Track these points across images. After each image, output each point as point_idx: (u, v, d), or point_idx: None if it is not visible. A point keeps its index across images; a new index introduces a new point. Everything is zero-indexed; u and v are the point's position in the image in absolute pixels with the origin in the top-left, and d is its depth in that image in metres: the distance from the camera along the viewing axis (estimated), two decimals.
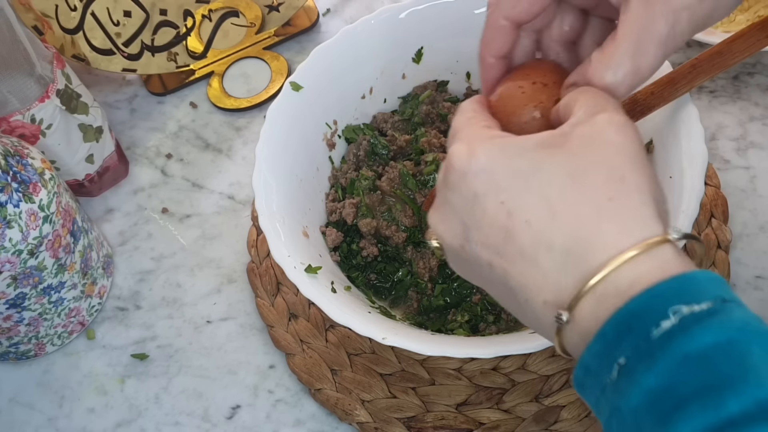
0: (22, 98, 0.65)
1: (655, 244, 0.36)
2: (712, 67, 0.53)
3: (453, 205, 0.40)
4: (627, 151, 0.38)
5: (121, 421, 0.65)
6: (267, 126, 0.63)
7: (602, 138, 0.38)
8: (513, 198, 0.38)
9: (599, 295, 0.36)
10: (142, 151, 0.80)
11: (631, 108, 0.55)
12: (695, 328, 0.33)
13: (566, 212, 0.37)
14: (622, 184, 0.37)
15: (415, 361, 0.64)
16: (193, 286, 0.71)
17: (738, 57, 0.52)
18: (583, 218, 0.37)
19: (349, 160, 0.69)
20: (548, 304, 0.37)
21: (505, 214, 0.38)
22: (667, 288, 0.34)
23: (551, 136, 0.39)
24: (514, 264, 0.38)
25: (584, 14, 0.47)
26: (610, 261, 0.35)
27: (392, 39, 0.69)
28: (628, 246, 0.36)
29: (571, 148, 0.38)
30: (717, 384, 0.31)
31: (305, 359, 0.65)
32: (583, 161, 0.38)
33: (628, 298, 0.35)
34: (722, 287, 0.35)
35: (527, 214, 0.38)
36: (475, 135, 0.41)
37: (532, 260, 0.38)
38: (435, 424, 0.62)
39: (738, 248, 0.67)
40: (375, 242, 0.65)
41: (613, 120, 0.39)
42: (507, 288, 0.39)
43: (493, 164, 0.39)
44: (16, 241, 0.57)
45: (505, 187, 0.38)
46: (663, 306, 0.34)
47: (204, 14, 0.83)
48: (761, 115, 0.74)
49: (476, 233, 0.39)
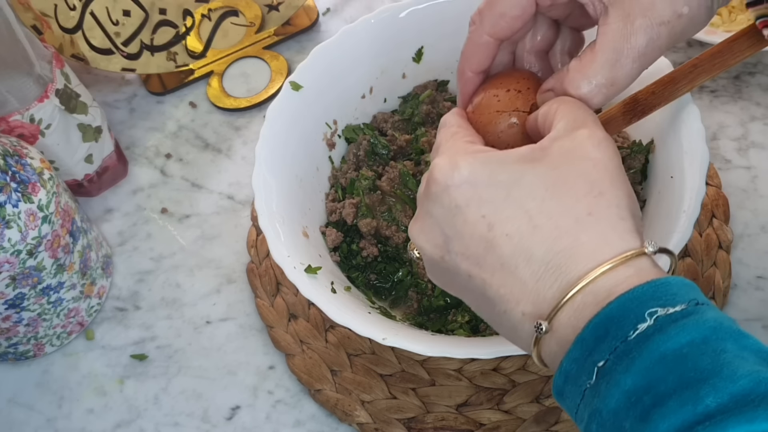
0: (21, 98, 0.65)
1: (632, 257, 0.37)
2: (713, 67, 0.53)
3: (434, 216, 0.41)
4: (606, 167, 0.39)
5: (120, 422, 0.65)
6: (267, 126, 0.63)
7: (582, 153, 0.39)
8: (494, 211, 0.39)
9: (578, 305, 0.37)
10: (141, 151, 0.80)
11: (632, 107, 0.55)
12: (671, 328, 0.34)
13: (546, 225, 0.38)
14: (601, 198, 0.38)
15: (415, 362, 0.64)
16: (193, 287, 0.71)
17: (739, 57, 0.52)
18: (563, 231, 0.38)
19: (349, 160, 0.69)
20: (527, 315, 0.38)
21: (486, 226, 0.39)
22: (643, 292, 0.35)
23: (532, 150, 0.40)
24: (494, 275, 0.39)
25: (556, 25, 0.49)
26: (589, 272, 0.37)
27: (392, 39, 0.68)
28: (607, 258, 0.37)
29: (551, 162, 0.39)
30: (693, 380, 0.32)
31: (305, 360, 0.65)
32: (563, 175, 0.39)
33: (606, 304, 0.36)
34: (695, 291, 0.36)
35: (508, 227, 0.39)
36: (458, 149, 0.42)
37: (511, 271, 0.38)
38: (435, 425, 0.62)
39: (739, 248, 0.67)
40: (375, 242, 0.65)
41: (593, 136, 0.40)
42: (486, 298, 0.40)
43: (475, 177, 0.40)
44: (15, 241, 0.57)
45: (486, 199, 0.39)
46: (639, 309, 0.35)
47: (203, 14, 0.83)
48: (762, 114, 0.74)
49: (457, 244, 0.40)
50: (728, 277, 0.65)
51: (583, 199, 0.38)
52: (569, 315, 0.37)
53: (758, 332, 0.63)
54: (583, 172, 0.39)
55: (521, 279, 0.38)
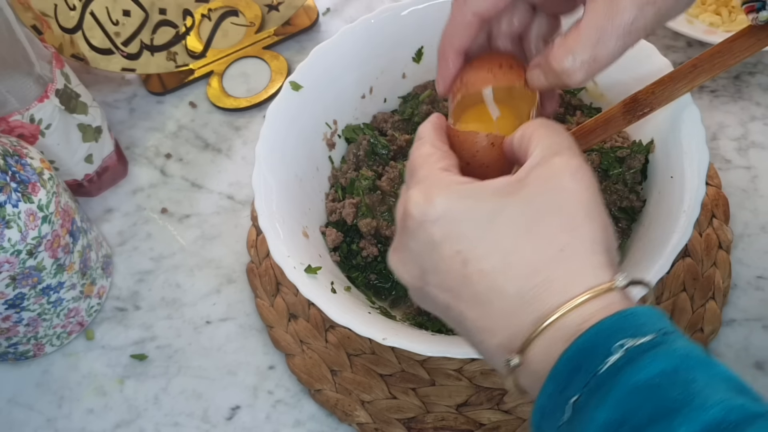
0: (21, 98, 0.65)
1: (602, 291, 0.37)
2: (713, 67, 0.53)
3: (411, 250, 0.42)
4: (580, 199, 0.39)
5: (120, 422, 0.65)
6: (267, 126, 0.63)
7: (557, 184, 0.40)
8: (469, 247, 0.39)
9: (549, 338, 0.37)
10: (141, 151, 0.80)
11: (632, 107, 0.55)
12: (641, 359, 0.34)
13: (519, 262, 0.38)
14: (575, 232, 0.39)
15: (415, 362, 0.64)
16: (193, 287, 0.71)
17: (739, 57, 0.52)
18: (536, 268, 0.38)
19: (349, 160, 0.69)
20: (501, 347, 0.39)
21: (461, 262, 0.39)
22: (611, 324, 0.35)
23: (508, 183, 0.40)
24: (470, 308, 0.39)
25: (533, 9, 0.49)
26: (561, 306, 0.37)
27: (392, 39, 0.68)
28: (578, 292, 0.37)
29: (526, 196, 0.40)
30: (666, 411, 0.32)
31: (305, 360, 0.65)
32: (539, 210, 0.39)
33: (576, 338, 0.36)
34: (663, 320, 0.36)
35: (482, 264, 0.39)
36: (433, 181, 0.42)
37: (486, 306, 0.39)
38: (435, 425, 0.62)
39: (739, 248, 0.67)
40: (375, 242, 0.65)
41: (569, 165, 0.40)
42: (464, 327, 0.41)
43: (451, 212, 0.40)
44: (15, 241, 0.57)
45: (461, 235, 0.40)
46: (608, 341, 0.35)
47: (203, 13, 0.83)
48: (762, 114, 0.74)
49: (433, 277, 0.41)
50: (728, 277, 0.65)
51: (558, 234, 0.38)
52: (542, 348, 0.37)
53: (758, 332, 0.63)
54: (558, 205, 0.39)
55: (496, 313, 0.39)
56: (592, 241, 0.39)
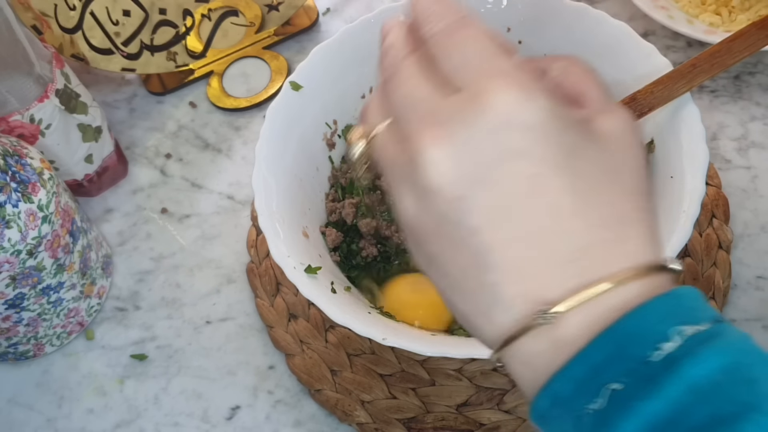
0: (21, 98, 0.65)
1: (654, 269, 0.32)
2: (712, 67, 0.53)
3: (475, 149, 0.32)
4: (641, 165, 0.35)
5: (120, 422, 0.65)
6: (266, 126, 0.63)
7: (627, 142, 0.34)
8: (546, 174, 0.32)
9: (588, 309, 0.31)
10: (141, 151, 0.80)
11: (631, 107, 0.55)
12: (700, 351, 0.30)
13: (593, 213, 0.32)
14: (642, 199, 0.34)
15: (415, 362, 0.64)
16: (193, 287, 0.71)
17: (738, 56, 0.52)
18: (594, 226, 0.33)
19: (349, 160, 0.69)
20: (524, 298, 0.32)
21: (529, 187, 0.32)
22: (661, 306, 0.31)
23: (587, 120, 0.34)
24: (512, 243, 0.32)
25: None
26: (610, 276, 0.31)
27: None
28: (630, 266, 0.32)
29: (604, 144, 0.34)
30: (730, 415, 0.28)
31: (305, 360, 0.65)
32: (610, 165, 0.34)
33: (621, 316, 0.31)
34: (709, 305, 0.32)
35: (552, 198, 0.32)
36: (526, 77, 0.33)
37: (535, 246, 0.32)
38: (435, 425, 0.62)
39: (739, 248, 0.67)
40: (375, 242, 0.65)
41: (632, 122, 0.35)
42: (475, 260, 0.33)
43: (545, 127, 0.32)
44: (15, 241, 0.57)
45: (544, 158, 0.32)
46: (660, 326, 0.30)
47: (203, 13, 0.83)
48: (762, 114, 0.74)
49: (485, 195, 0.32)
50: (728, 277, 0.65)
51: (630, 195, 0.33)
52: (581, 315, 0.31)
53: (758, 332, 0.63)
54: (628, 166, 0.34)
55: (544, 257, 0.32)
56: (648, 212, 0.34)
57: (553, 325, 0.31)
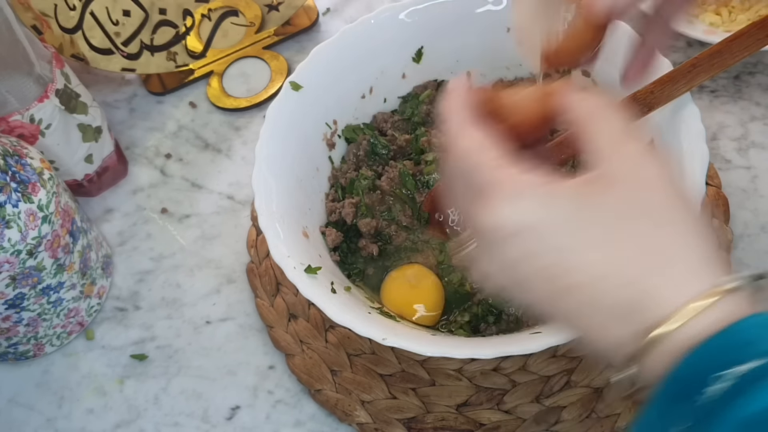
0: (21, 98, 0.65)
1: (711, 297, 0.33)
2: (712, 67, 0.53)
3: (497, 264, 0.37)
4: (667, 190, 0.35)
5: (120, 422, 0.65)
6: (266, 126, 0.63)
7: (642, 177, 0.36)
8: (558, 260, 0.35)
9: (655, 355, 0.33)
10: (141, 151, 0.80)
11: (630, 107, 0.55)
12: (749, 389, 0.30)
13: (615, 272, 0.34)
14: (672, 231, 0.35)
15: (415, 362, 0.64)
16: (193, 287, 0.71)
17: (738, 56, 0.52)
18: (632, 277, 0.34)
19: (349, 160, 0.69)
20: (612, 351, 0.35)
21: (549, 277, 0.36)
22: (715, 345, 0.32)
23: (589, 181, 0.36)
24: (569, 317, 0.36)
25: None
26: (663, 322, 0.33)
27: (392, 39, 0.68)
28: (683, 302, 0.33)
29: (618, 194, 0.35)
30: None
31: (305, 360, 0.65)
32: (630, 209, 0.35)
33: (679, 361, 0.32)
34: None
35: (573, 277, 0.35)
36: (507, 185, 0.37)
37: (582, 317, 0.35)
38: (435, 425, 0.62)
39: (739, 248, 0.67)
40: (375, 242, 0.65)
41: (644, 153, 0.36)
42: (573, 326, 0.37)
43: (537, 224, 0.36)
44: (15, 241, 0.57)
45: (550, 248, 0.35)
46: (711, 367, 0.31)
47: (203, 13, 0.83)
48: (762, 114, 0.74)
49: (525, 292, 0.37)
50: None
51: (654, 236, 0.34)
52: (648, 364, 0.33)
53: None
54: (650, 202, 0.35)
55: (593, 324, 0.35)
56: (688, 234, 0.35)
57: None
